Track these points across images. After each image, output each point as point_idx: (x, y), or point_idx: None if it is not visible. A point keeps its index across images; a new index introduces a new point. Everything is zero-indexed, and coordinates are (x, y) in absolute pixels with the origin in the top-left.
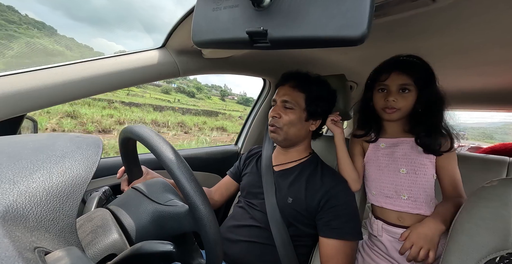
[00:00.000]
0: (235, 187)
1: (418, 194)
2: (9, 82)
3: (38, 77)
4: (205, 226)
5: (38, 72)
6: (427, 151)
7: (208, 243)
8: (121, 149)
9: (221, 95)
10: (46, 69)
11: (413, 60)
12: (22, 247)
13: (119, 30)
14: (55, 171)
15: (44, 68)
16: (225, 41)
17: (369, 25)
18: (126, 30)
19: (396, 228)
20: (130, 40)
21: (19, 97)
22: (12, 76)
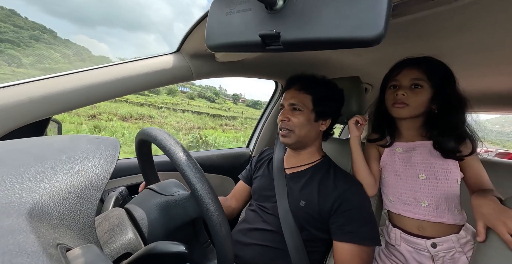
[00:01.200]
0: (249, 191)
1: (439, 201)
2: (35, 87)
3: (62, 82)
4: (205, 204)
5: (62, 78)
6: (446, 156)
7: (212, 221)
8: (137, 150)
9: (234, 99)
10: (69, 75)
11: (427, 57)
12: (46, 243)
13: (102, 27)
14: (76, 171)
15: (67, 74)
16: (238, 44)
17: (385, 25)
18: (110, 27)
19: (416, 238)
20: (114, 39)
21: (45, 101)
22: (38, 82)
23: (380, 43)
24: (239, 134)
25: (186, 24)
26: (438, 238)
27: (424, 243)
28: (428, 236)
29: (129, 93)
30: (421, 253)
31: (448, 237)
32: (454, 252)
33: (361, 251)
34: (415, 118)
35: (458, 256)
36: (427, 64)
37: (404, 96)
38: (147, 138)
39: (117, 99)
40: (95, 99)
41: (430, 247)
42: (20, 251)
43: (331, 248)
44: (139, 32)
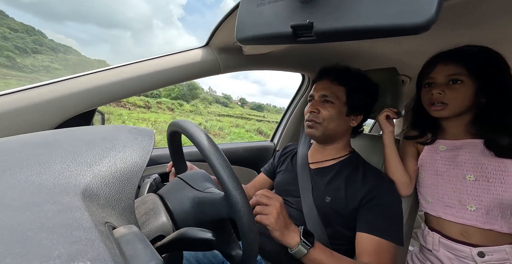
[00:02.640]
0: (270, 184)
1: (491, 206)
2: (81, 82)
3: (105, 77)
4: (239, 212)
5: (104, 72)
6: (500, 155)
7: (243, 227)
8: (168, 141)
9: (241, 103)
10: (110, 70)
11: (465, 49)
12: (97, 221)
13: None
14: (119, 158)
15: (109, 69)
16: (268, 36)
17: (438, 9)
18: (81, 23)
19: (458, 244)
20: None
21: (91, 94)
22: (84, 77)
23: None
24: None
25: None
26: (488, 247)
27: (470, 251)
28: (474, 243)
29: (162, 86)
30: (464, 261)
31: (502, 247)
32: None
33: (388, 246)
34: (460, 115)
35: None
36: (465, 55)
37: (441, 95)
38: (178, 129)
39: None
40: (133, 92)
41: (477, 256)
42: (78, 226)
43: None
44: (114, 29)
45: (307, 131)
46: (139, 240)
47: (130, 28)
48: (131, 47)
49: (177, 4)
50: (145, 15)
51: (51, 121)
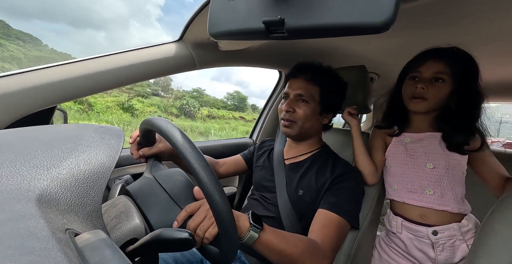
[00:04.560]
0: (243, 168)
1: (446, 190)
2: (40, 75)
3: (66, 71)
4: (218, 213)
5: (66, 66)
6: (451, 149)
7: (221, 224)
8: (142, 140)
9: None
10: (73, 63)
11: (455, 49)
12: (55, 228)
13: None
14: (82, 159)
15: (71, 62)
16: (241, 32)
17: (395, 10)
18: (50, 22)
19: (417, 225)
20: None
21: (50, 89)
22: (42, 70)
23: (391, 31)
24: None
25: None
26: (440, 226)
27: (426, 231)
28: (430, 223)
29: (133, 81)
30: (422, 240)
31: (450, 225)
32: (455, 240)
33: (339, 222)
34: (430, 112)
35: (458, 243)
36: (453, 56)
37: (424, 90)
38: (152, 128)
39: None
40: (99, 88)
41: (431, 235)
42: (30, 235)
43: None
44: (88, 29)
45: (283, 130)
46: (106, 245)
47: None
48: (106, 48)
49: (155, 5)
50: (121, 16)
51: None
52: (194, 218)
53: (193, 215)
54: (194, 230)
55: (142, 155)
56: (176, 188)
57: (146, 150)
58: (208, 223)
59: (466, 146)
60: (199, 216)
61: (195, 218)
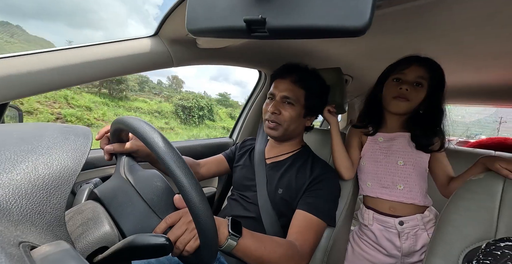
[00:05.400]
0: (225, 168)
1: (413, 185)
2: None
3: (21, 63)
4: (199, 218)
5: (21, 58)
6: (418, 148)
7: (201, 227)
8: (113, 141)
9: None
10: (30, 55)
11: (433, 60)
12: (5, 242)
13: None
14: (41, 162)
15: (28, 54)
16: (222, 29)
17: (371, 15)
18: (48, 21)
19: (387, 217)
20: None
21: (1, 84)
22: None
23: (364, 35)
24: None
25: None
26: (406, 217)
27: (393, 221)
28: (397, 215)
29: (102, 77)
30: (390, 230)
31: (414, 216)
32: (418, 229)
33: (317, 224)
34: (404, 114)
35: (420, 232)
36: (432, 66)
37: (407, 92)
38: (125, 127)
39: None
40: (60, 84)
41: (398, 225)
42: None
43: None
44: (85, 29)
45: (267, 131)
46: (69, 257)
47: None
48: None
49: (153, 4)
50: (119, 15)
51: None
52: (175, 231)
53: (173, 226)
54: (174, 243)
55: (113, 151)
56: (155, 195)
57: (118, 146)
58: (189, 237)
59: (430, 146)
60: (180, 229)
61: (175, 231)
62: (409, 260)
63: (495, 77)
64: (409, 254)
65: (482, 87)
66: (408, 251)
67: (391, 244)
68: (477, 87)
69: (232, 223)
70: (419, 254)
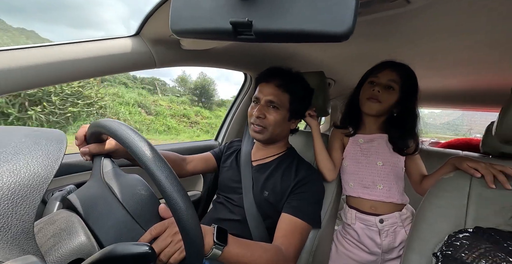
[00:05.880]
0: (213, 165)
1: (392, 184)
2: None
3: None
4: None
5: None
6: (395, 150)
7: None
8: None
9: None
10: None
11: (407, 66)
12: None
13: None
14: (6, 170)
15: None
16: (207, 31)
17: (354, 21)
18: (50, 24)
19: (368, 216)
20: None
21: None
22: None
23: (346, 40)
24: None
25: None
26: (385, 215)
27: (374, 220)
28: (377, 213)
29: (81, 78)
30: (371, 228)
31: (393, 214)
32: (396, 226)
33: (302, 227)
34: (380, 116)
35: (398, 229)
36: (405, 71)
37: (379, 93)
38: (104, 131)
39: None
40: (32, 84)
41: (378, 223)
42: None
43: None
44: (88, 30)
45: (252, 135)
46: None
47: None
48: None
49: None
50: (122, 17)
51: None
52: (159, 243)
53: (157, 238)
54: (158, 255)
55: (89, 152)
56: (139, 204)
57: (95, 146)
58: (175, 249)
59: (406, 149)
60: (165, 241)
61: (160, 242)
62: (388, 256)
63: (462, 83)
64: (388, 250)
65: (451, 92)
66: (387, 247)
67: (372, 242)
68: (446, 92)
69: (217, 232)
70: (397, 250)
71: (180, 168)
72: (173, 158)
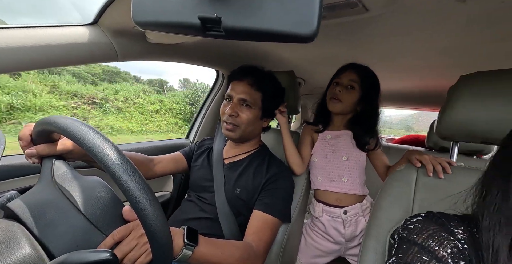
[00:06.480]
0: (183, 166)
1: (355, 177)
2: None
3: None
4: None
5: None
6: (358, 146)
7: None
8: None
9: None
10: None
11: (367, 67)
12: None
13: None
14: None
15: None
16: (174, 25)
17: (318, 23)
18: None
19: (334, 208)
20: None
21: None
22: None
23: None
24: None
25: None
26: (349, 207)
27: (339, 211)
28: (342, 205)
29: (28, 68)
30: (336, 220)
31: (355, 205)
32: (358, 216)
33: (272, 222)
34: (345, 114)
35: (360, 219)
36: (364, 71)
37: (340, 93)
38: (54, 128)
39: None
40: None
41: (343, 214)
42: None
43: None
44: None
45: (225, 133)
46: None
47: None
48: None
49: None
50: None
51: None
52: (122, 248)
53: (120, 242)
54: (121, 260)
55: (37, 154)
56: (98, 208)
57: (44, 147)
58: (140, 252)
59: (367, 146)
60: (129, 245)
61: (123, 247)
62: (351, 244)
63: (412, 85)
64: (351, 239)
65: (404, 93)
66: (350, 236)
67: (337, 232)
68: (400, 93)
69: (188, 232)
70: (358, 238)
71: (148, 169)
72: (139, 159)
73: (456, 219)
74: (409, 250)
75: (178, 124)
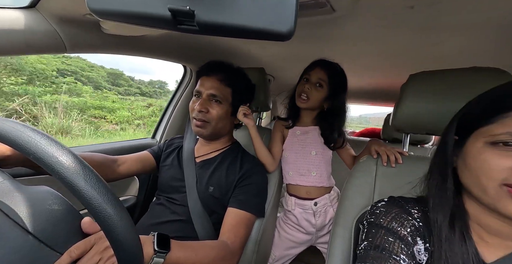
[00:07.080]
0: (151, 165)
1: (323, 171)
2: None
3: None
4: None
5: None
6: (325, 144)
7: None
8: None
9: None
10: None
11: (336, 65)
12: None
13: None
14: None
15: None
16: (140, 16)
17: (295, 21)
18: None
19: (305, 201)
20: None
21: None
22: None
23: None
24: None
25: None
26: (318, 198)
27: (310, 203)
28: (312, 197)
29: None
30: (307, 211)
31: (324, 196)
32: (326, 206)
33: (246, 218)
34: (313, 110)
35: (328, 209)
36: (333, 69)
37: (308, 90)
38: None
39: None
40: None
41: (313, 206)
42: None
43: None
44: None
45: (195, 130)
46: None
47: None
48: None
49: None
50: None
51: None
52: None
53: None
54: None
55: None
56: (49, 223)
57: None
58: None
59: (333, 144)
60: (92, 261)
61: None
62: (321, 233)
63: (371, 82)
64: (321, 228)
65: (364, 90)
66: (320, 226)
67: (308, 223)
68: (362, 90)
69: (158, 239)
70: (327, 227)
71: (111, 170)
72: (98, 161)
73: (412, 201)
74: (377, 233)
75: None
